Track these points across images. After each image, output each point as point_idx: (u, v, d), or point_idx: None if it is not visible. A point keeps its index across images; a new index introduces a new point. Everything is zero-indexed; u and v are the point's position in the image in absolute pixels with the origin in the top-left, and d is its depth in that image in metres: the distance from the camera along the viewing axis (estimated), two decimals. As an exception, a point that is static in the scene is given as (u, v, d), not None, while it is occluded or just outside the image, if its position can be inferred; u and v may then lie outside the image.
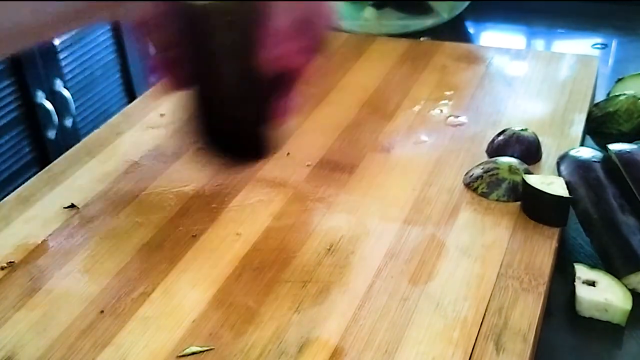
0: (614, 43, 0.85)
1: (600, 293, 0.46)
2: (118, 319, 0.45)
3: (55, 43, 1.32)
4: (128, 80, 1.52)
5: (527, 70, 0.74)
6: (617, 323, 0.46)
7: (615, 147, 0.54)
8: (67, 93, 1.31)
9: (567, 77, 0.72)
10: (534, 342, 0.43)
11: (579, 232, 0.52)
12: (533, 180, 0.52)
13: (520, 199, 0.53)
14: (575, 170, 0.53)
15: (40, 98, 1.26)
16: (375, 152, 0.61)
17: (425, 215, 0.53)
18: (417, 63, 0.76)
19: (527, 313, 0.44)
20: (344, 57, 0.78)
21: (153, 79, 0.53)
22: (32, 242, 0.52)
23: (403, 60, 0.76)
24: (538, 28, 0.92)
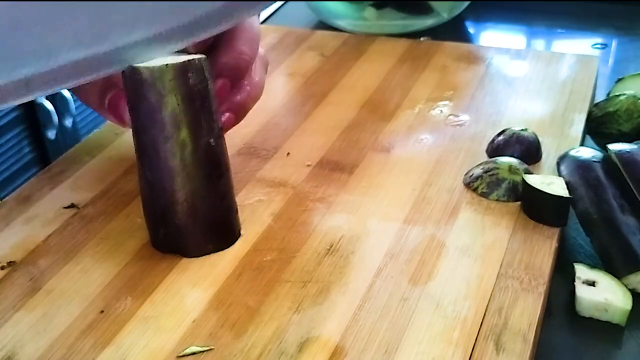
0: (614, 43, 0.85)
1: (600, 293, 0.46)
2: (118, 319, 0.45)
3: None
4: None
5: (527, 70, 0.74)
6: (617, 323, 0.46)
7: (615, 147, 0.54)
8: (67, 93, 1.31)
9: (567, 77, 0.72)
10: (534, 342, 0.43)
11: (579, 232, 0.52)
12: (533, 180, 0.52)
13: (520, 199, 0.53)
14: (575, 170, 0.53)
15: (40, 98, 1.26)
16: (375, 152, 0.61)
17: (425, 215, 0.53)
18: (417, 63, 0.76)
19: (527, 313, 0.44)
20: (344, 57, 0.78)
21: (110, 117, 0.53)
22: (32, 242, 0.52)
23: (403, 60, 0.76)
24: (538, 28, 0.92)
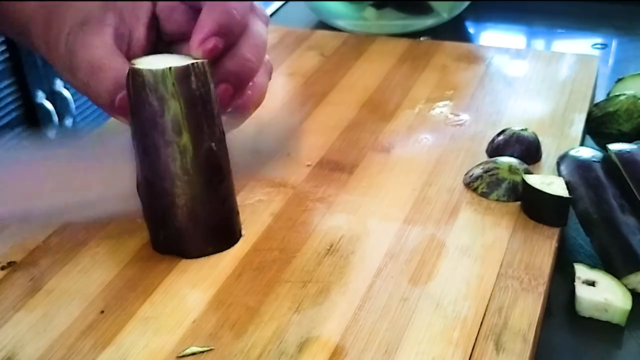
0: (614, 43, 0.85)
1: (600, 293, 0.46)
2: (118, 319, 0.45)
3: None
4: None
5: (527, 70, 0.74)
6: (617, 323, 0.46)
7: (615, 147, 0.54)
8: (67, 93, 1.31)
9: (567, 77, 0.72)
10: (534, 342, 0.43)
11: (579, 232, 0.52)
12: (533, 180, 0.52)
13: (520, 199, 0.53)
14: (575, 170, 0.53)
15: (40, 98, 1.26)
16: (375, 152, 0.61)
17: (425, 215, 0.53)
18: (417, 63, 0.76)
19: (527, 313, 0.44)
20: (344, 57, 0.78)
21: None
22: (32, 242, 0.52)
23: (403, 60, 0.76)
24: (538, 28, 0.92)
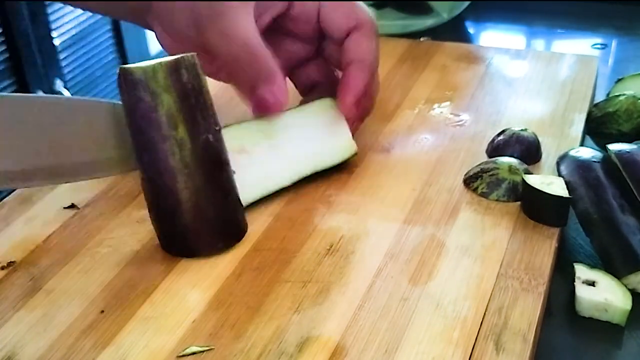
0: (614, 43, 0.85)
1: (600, 293, 0.46)
2: (118, 319, 0.45)
3: (56, 43, 1.32)
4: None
5: (527, 70, 0.74)
6: (617, 323, 0.46)
7: (615, 147, 0.54)
8: (67, 93, 1.31)
9: (567, 77, 0.72)
10: (534, 342, 0.43)
11: (579, 232, 0.52)
12: (533, 180, 0.52)
13: (520, 199, 0.53)
14: (575, 170, 0.53)
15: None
16: (375, 152, 0.61)
17: (425, 215, 0.53)
18: (417, 63, 0.76)
19: (527, 313, 0.44)
20: (344, 57, 0.78)
21: None
22: (32, 242, 0.52)
23: (403, 61, 0.76)
24: (538, 28, 0.92)
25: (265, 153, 0.54)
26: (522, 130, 0.59)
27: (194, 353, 0.42)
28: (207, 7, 0.54)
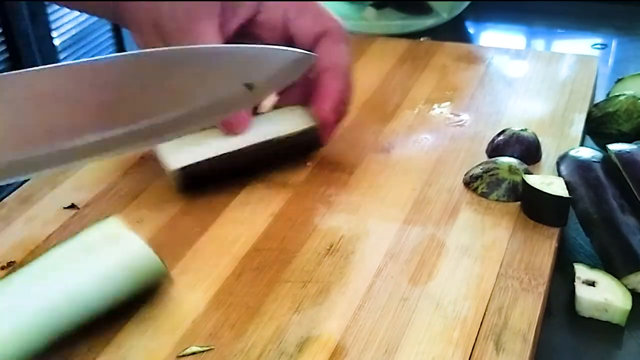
0: (614, 43, 0.85)
1: (600, 293, 0.46)
2: (118, 319, 0.45)
3: (56, 43, 1.32)
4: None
5: (527, 70, 0.74)
6: (617, 323, 0.46)
7: (615, 147, 0.54)
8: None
9: (567, 77, 0.72)
10: (534, 342, 0.43)
11: (579, 232, 0.52)
12: (533, 180, 0.52)
13: (520, 199, 0.53)
14: (575, 170, 0.53)
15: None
16: (375, 152, 0.61)
17: (425, 215, 0.53)
18: (417, 63, 0.76)
19: (527, 313, 0.44)
20: (344, 57, 0.78)
21: None
22: (32, 242, 0.52)
23: (403, 60, 0.76)
24: (538, 28, 0.92)
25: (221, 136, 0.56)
26: (522, 130, 0.59)
27: (194, 353, 0.42)
28: (171, 21, 0.54)
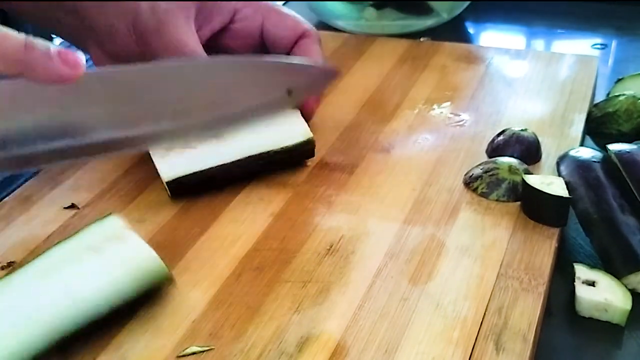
0: (614, 43, 0.85)
1: (600, 293, 0.46)
2: (118, 319, 0.45)
3: (56, 43, 1.32)
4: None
5: (527, 70, 0.74)
6: (616, 323, 0.46)
7: (615, 147, 0.54)
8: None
9: (567, 77, 0.72)
10: (534, 342, 0.43)
11: (579, 232, 0.52)
12: (533, 180, 0.52)
13: (520, 199, 0.53)
14: (575, 170, 0.53)
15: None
16: (375, 152, 0.61)
17: (425, 215, 0.53)
18: (417, 63, 0.76)
19: (527, 313, 0.44)
20: (344, 57, 0.78)
21: None
22: (32, 242, 0.52)
23: (403, 61, 0.76)
24: (538, 28, 0.92)
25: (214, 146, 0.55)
26: (522, 130, 0.59)
27: (194, 353, 0.42)
28: (150, 20, 0.55)
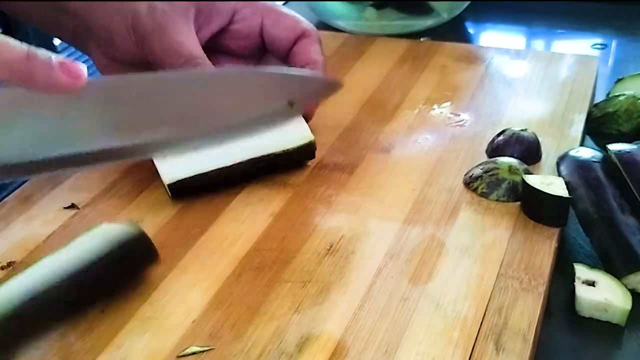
0: (614, 43, 0.85)
1: (600, 293, 0.46)
2: (118, 319, 0.45)
3: (56, 43, 1.32)
4: (128, 81, 1.52)
5: (527, 70, 0.74)
6: (616, 323, 0.46)
7: (615, 147, 0.54)
8: (67, 93, 1.31)
9: (566, 77, 0.72)
10: (534, 342, 0.43)
11: (579, 232, 0.52)
12: (533, 181, 0.52)
13: (520, 199, 0.53)
14: (575, 170, 0.53)
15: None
16: (375, 152, 0.61)
17: (425, 215, 0.53)
18: (417, 63, 0.76)
19: (527, 313, 0.44)
20: (344, 57, 0.78)
21: None
22: (32, 242, 0.52)
23: (403, 61, 0.76)
24: (538, 28, 0.92)
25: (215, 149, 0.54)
26: (522, 130, 0.59)
27: (194, 353, 0.42)
28: (149, 20, 0.55)
